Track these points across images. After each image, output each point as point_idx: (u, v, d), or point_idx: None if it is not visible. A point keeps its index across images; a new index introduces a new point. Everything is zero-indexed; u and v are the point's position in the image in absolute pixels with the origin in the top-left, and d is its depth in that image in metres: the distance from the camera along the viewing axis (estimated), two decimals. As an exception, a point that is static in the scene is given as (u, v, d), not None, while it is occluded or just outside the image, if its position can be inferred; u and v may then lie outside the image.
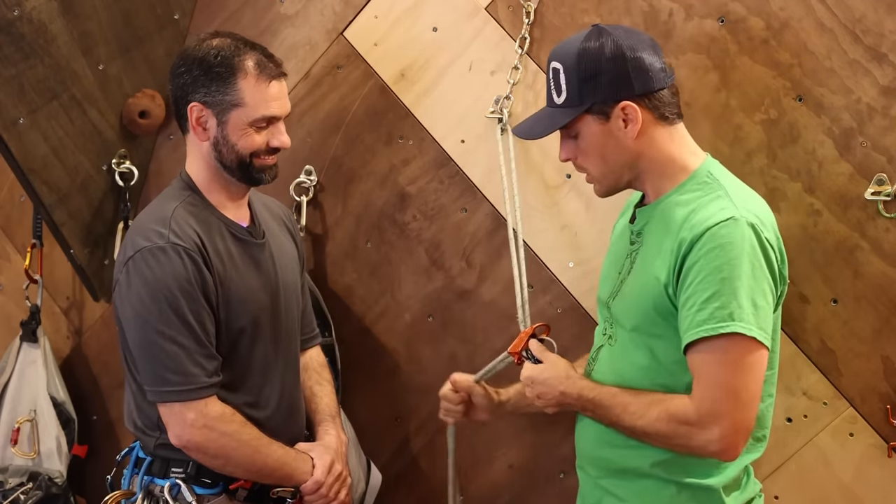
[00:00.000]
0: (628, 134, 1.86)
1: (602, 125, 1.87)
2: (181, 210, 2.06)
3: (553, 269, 2.42)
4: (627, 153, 1.88)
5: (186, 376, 1.98)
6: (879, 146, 2.09)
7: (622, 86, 1.84)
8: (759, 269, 1.77)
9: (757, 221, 1.79)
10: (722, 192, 1.84)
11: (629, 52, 1.84)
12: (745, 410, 1.76)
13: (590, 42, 1.87)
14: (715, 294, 1.74)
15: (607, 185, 1.94)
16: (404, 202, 2.55)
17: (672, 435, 1.79)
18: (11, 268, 2.95)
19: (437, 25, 2.48)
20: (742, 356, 1.75)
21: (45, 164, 2.55)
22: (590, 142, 1.89)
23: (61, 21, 2.48)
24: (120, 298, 2.05)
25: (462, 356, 2.52)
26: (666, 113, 1.88)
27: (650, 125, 1.87)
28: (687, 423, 1.77)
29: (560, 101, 1.90)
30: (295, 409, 2.23)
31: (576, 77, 1.86)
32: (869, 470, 2.17)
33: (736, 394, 1.75)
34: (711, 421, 1.75)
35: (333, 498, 2.15)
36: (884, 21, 2.07)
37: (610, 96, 1.85)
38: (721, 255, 1.75)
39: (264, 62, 2.06)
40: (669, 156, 1.89)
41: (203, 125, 2.07)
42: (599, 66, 1.84)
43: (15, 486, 2.74)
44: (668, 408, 1.79)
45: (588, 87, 1.85)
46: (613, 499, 1.95)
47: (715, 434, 1.75)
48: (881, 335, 2.12)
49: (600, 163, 1.91)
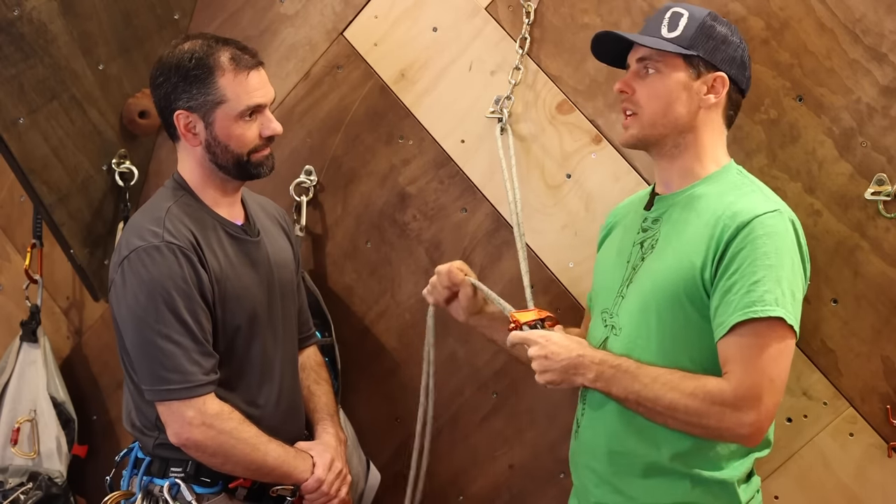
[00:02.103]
0: (703, 101, 1.91)
1: (688, 78, 1.91)
2: (175, 209, 2.07)
3: (553, 269, 2.42)
4: (688, 116, 1.91)
5: (184, 374, 1.98)
6: (879, 146, 2.09)
7: (728, 62, 1.92)
8: (797, 263, 1.82)
9: (795, 219, 1.87)
10: (756, 188, 1.91)
11: (747, 51, 1.97)
12: (777, 397, 1.79)
13: (719, 19, 1.94)
14: (762, 279, 1.76)
15: (645, 134, 1.94)
16: (404, 202, 2.55)
17: (703, 413, 1.77)
18: (11, 268, 2.95)
19: (437, 25, 2.48)
20: (781, 342, 1.77)
21: (45, 164, 2.55)
22: (666, 85, 1.91)
23: (61, 21, 2.48)
24: (116, 298, 2.05)
25: (462, 356, 2.52)
26: (732, 113, 1.97)
27: (718, 110, 1.94)
28: (722, 403, 1.76)
29: (669, 36, 1.92)
30: (294, 408, 2.23)
31: (698, 27, 1.91)
32: (869, 470, 2.17)
33: (772, 379, 1.77)
34: (747, 404, 1.75)
35: (334, 496, 2.15)
36: (884, 21, 2.07)
37: (715, 60, 1.91)
38: (769, 244, 1.78)
39: (239, 55, 2.06)
40: (712, 144, 1.95)
41: (192, 131, 2.07)
42: (724, 37, 1.92)
43: (15, 486, 2.73)
44: (705, 386, 1.78)
45: (704, 40, 1.91)
46: (622, 498, 1.93)
47: (749, 417, 1.76)
48: (881, 335, 2.12)
49: (661, 110, 1.92)
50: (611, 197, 2.34)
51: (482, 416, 2.53)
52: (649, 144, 1.96)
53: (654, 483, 1.90)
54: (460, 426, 2.55)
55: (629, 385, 1.83)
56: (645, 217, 1.99)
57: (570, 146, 2.38)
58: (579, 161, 2.38)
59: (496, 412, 2.52)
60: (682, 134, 1.92)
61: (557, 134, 2.39)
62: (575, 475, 2.07)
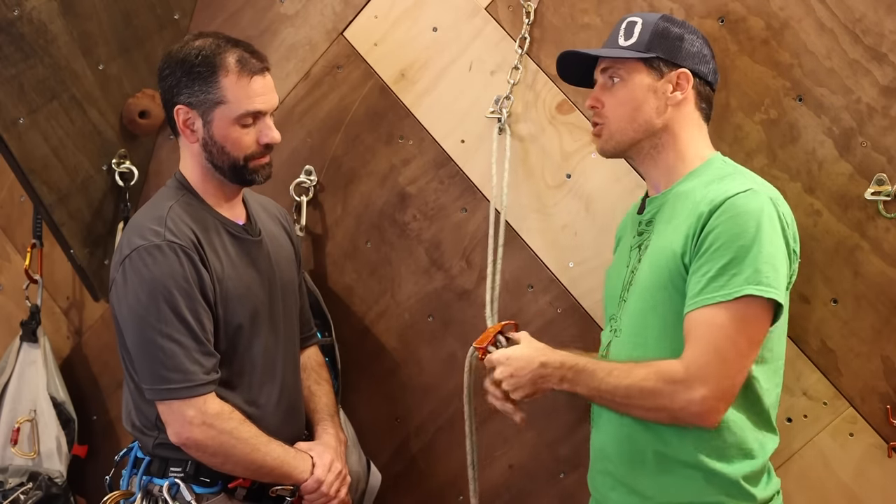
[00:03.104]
0: (670, 99, 1.92)
1: (651, 80, 1.93)
2: (177, 208, 2.06)
3: (553, 269, 2.42)
4: (658, 117, 1.93)
5: (185, 374, 1.98)
6: (879, 146, 2.09)
7: (688, 58, 1.95)
8: (777, 238, 1.81)
9: (774, 196, 1.85)
10: (737, 173, 1.91)
11: (704, 39, 1.99)
12: (732, 378, 1.78)
13: (672, 20, 1.98)
14: (732, 261, 1.76)
15: (616, 143, 1.97)
16: (404, 202, 2.55)
17: (658, 392, 1.79)
18: (11, 268, 2.95)
19: (437, 25, 2.48)
20: (742, 322, 1.77)
21: (45, 164, 2.55)
22: (630, 91, 1.94)
23: (61, 21, 2.48)
24: (117, 297, 2.05)
25: (462, 356, 2.51)
26: (704, 105, 1.98)
27: (689, 105, 1.95)
28: (673, 381, 1.78)
29: (626, 45, 1.95)
30: (295, 408, 2.23)
31: (652, 30, 1.94)
32: (869, 470, 2.17)
33: (725, 359, 1.77)
34: (698, 381, 1.76)
35: (334, 496, 2.15)
36: (884, 21, 2.07)
37: (675, 58, 1.94)
38: (740, 223, 1.78)
39: (246, 58, 2.05)
40: (691, 140, 1.96)
41: (190, 127, 2.07)
42: (680, 35, 1.95)
43: (15, 486, 2.73)
44: (658, 367, 1.80)
45: (660, 42, 1.94)
46: (638, 498, 1.92)
47: (699, 394, 1.76)
48: (881, 335, 2.12)
49: (628, 116, 1.94)
50: (611, 197, 2.34)
51: (482, 416, 2.52)
52: (624, 151, 1.98)
53: (667, 480, 1.89)
54: (460, 426, 2.54)
55: (589, 382, 1.85)
56: (639, 221, 2.01)
57: (570, 146, 2.38)
58: (579, 161, 2.38)
59: (496, 412, 2.50)
60: (656, 135, 1.94)
61: (557, 134, 2.39)
62: (592, 486, 2.06)
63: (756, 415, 1.88)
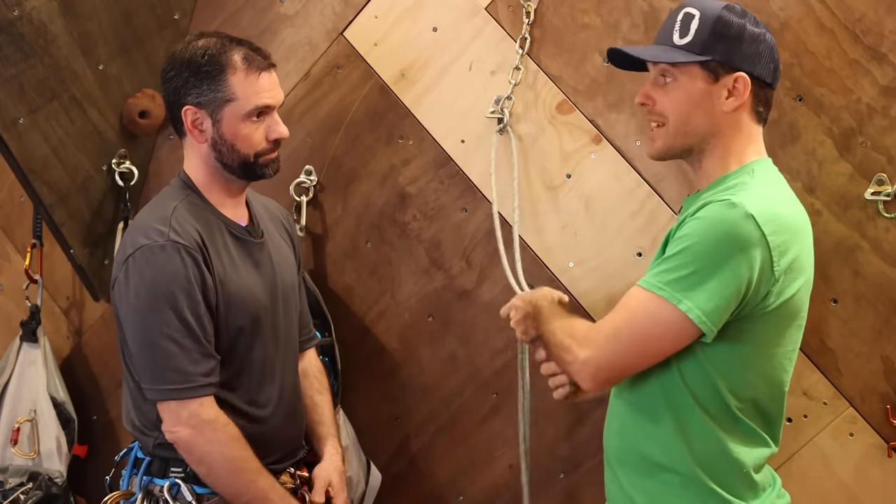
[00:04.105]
0: (725, 105, 1.84)
1: (706, 84, 1.84)
2: (181, 208, 2.06)
3: (553, 269, 2.42)
4: (711, 124, 1.85)
5: (184, 375, 1.98)
6: (879, 146, 2.10)
7: (747, 60, 1.83)
8: (732, 257, 1.72)
9: (760, 213, 1.73)
10: (747, 185, 1.81)
11: (769, 38, 1.86)
12: (616, 354, 1.81)
13: (733, 11, 1.85)
14: (673, 256, 1.77)
15: (670, 145, 1.90)
16: (404, 202, 2.55)
17: (560, 346, 1.87)
18: (11, 268, 2.95)
19: (437, 25, 2.48)
20: (651, 319, 1.78)
21: (45, 164, 2.55)
22: (685, 94, 1.86)
23: (61, 21, 2.48)
24: (119, 296, 2.04)
25: (462, 356, 2.52)
26: (761, 109, 1.88)
27: (744, 111, 1.86)
28: (573, 337, 1.85)
29: (681, 43, 1.85)
30: (295, 410, 2.22)
31: (710, 28, 1.83)
32: (869, 470, 2.17)
33: (619, 338, 1.80)
34: (587, 343, 1.82)
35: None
36: (884, 21, 2.07)
37: (732, 62, 1.83)
38: (700, 228, 1.75)
39: (252, 55, 2.06)
40: (738, 146, 1.87)
41: (199, 127, 2.07)
42: (739, 33, 1.83)
43: (15, 486, 2.73)
44: (573, 322, 1.90)
45: (717, 43, 1.82)
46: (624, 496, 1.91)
47: (583, 354, 1.82)
48: (881, 335, 2.13)
49: (682, 119, 1.87)
50: (611, 197, 2.35)
51: (482, 416, 2.53)
52: (678, 154, 1.92)
53: (647, 484, 1.88)
54: (460, 426, 2.55)
55: (540, 325, 1.96)
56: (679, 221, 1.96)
57: (570, 146, 2.38)
58: (579, 161, 2.38)
59: (496, 412, 2.52)
60: (705, 140, 1.87)
61: (557, 134, 2.39)
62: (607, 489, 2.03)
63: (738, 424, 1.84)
